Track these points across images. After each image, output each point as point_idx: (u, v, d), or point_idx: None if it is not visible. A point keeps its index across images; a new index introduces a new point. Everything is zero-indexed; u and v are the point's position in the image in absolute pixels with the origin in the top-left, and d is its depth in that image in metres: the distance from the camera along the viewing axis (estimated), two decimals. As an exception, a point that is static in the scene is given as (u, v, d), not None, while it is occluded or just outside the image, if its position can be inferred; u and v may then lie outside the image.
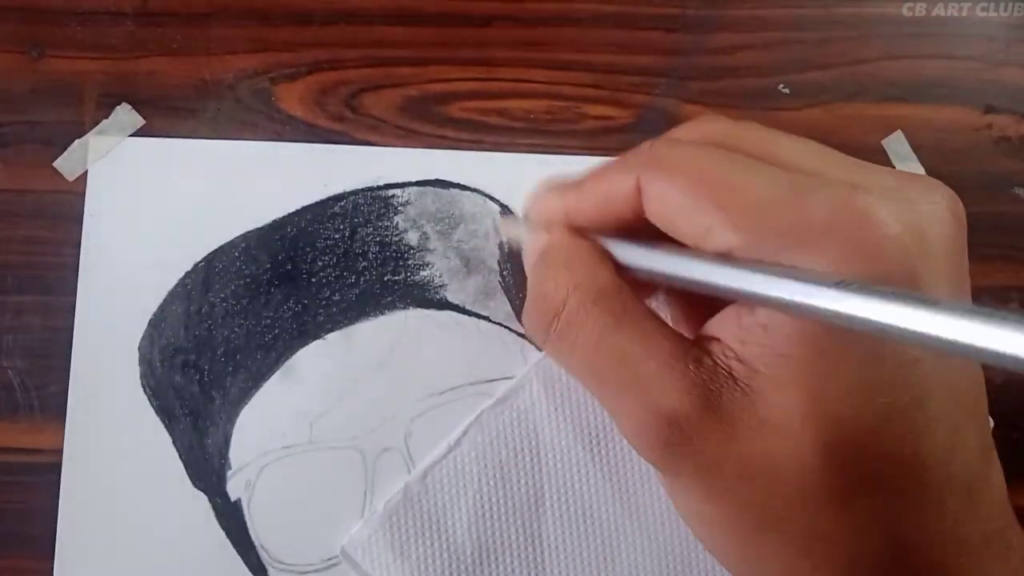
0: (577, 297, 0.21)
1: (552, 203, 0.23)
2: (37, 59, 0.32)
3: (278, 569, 0.29)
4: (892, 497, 0.18)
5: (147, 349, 0.30)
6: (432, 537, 0.29)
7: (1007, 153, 0.32)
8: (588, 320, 0.21)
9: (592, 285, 0.21)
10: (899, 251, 0.18)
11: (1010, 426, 0.31)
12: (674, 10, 0.33)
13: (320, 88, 0.32)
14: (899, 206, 0.18)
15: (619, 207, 0.21)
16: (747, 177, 0.19)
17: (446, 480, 0.29)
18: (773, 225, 0.18)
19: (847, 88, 0.32)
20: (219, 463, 0.30)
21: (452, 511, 0.29)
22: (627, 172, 0.21)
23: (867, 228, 0.18)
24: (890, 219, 0.18)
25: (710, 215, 0.19)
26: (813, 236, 0.18)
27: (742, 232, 0.19)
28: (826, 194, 0.18)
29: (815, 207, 0.18)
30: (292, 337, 0.30)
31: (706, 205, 0.19)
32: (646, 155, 0.21)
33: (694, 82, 0.32)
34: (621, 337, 0.20)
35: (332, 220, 0.31)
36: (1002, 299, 0.32)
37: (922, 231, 0.18)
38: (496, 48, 0.32)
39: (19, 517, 0.30)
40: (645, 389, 0.19)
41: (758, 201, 0.19)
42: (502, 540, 0.29)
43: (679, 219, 0.20)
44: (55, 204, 0.31)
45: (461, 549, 0.29)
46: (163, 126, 0.32)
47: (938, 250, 0.18)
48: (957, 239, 0.19)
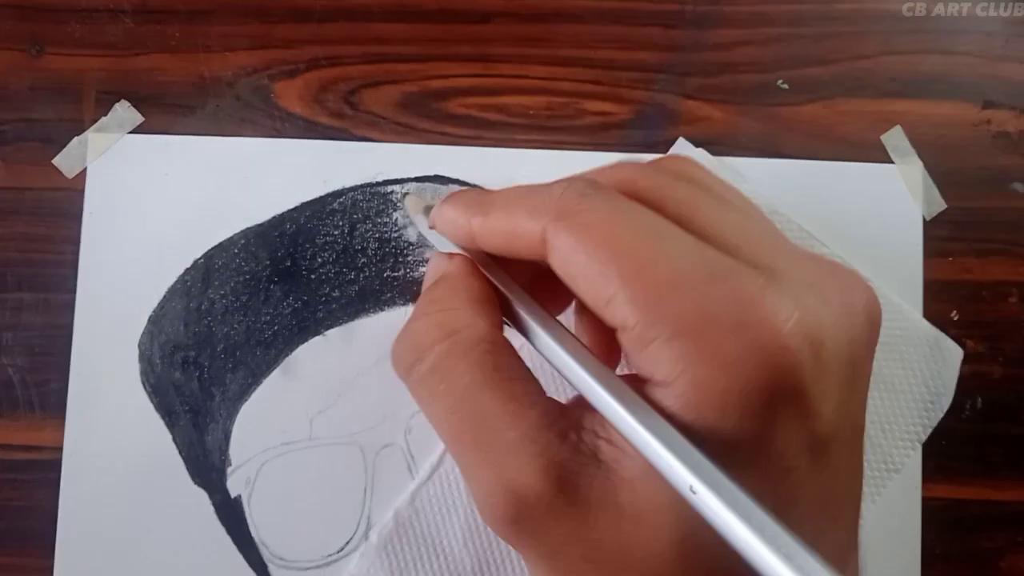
0: (448, 344, 0.20)
1: (459, 221, 0.22)
2: (36, 56, 0.32)
3: (278, 565, 0.29)
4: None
5: (147, 346, 0.30)
6: (430, 558, 0.29)
7: (1005, 148, 0.32)
8: (454, 371, 0.19)
9: (467, 335, 0.20)
10: (790, 363, 0.17)
11: (1008, 421, 0.31)
12: (673, 6, 0.33)
13: (319, 85, 0.32)
14: (808, 311, 0.17)
15: (523, 249, 0.20)
16: (657, 250, 0.18)
17: (435, 500, 0.29)
18: (676, 309, 0.17)
19: (846, 84, 0.32)
20: (219, 460, 0.30)
21: (446, 529, 0.29)
22: (535, 218, 0.19)
23: (764, 333, 0.17)
24: (791, 325, 0.17)
25: (613, 286, 0.18)
26: (711, 331, 0.17)
27: (643, 310, 0.17)
28: (734, 286, 0.17)
29: (720, 299, 0.17)
30: (292, 334, 0.30)
31: (610, 274, 0.18)
32: (556, 203, 0.19)
33: (693, 78, 0.32)
34: (485, 396, 0.19)
35: (331, 216, 0.31)
36: (1000, 294, 0.32)
37: (821, 339, 0.17)
38: (495, 44, 0.32)
39: (19, 514, 0.30)
40: (499, 459, 0.18)
41: (662, 281, 0.17)
42: (500, 550, 0.29)
43: (581, 281, 0.18)
44: (54, 201, 0.31)
45: (460, 564, 0.29)
46: (162, 123, 0.32)
47: (836, 363, 0.18)
48: (864, 346, 0.19)
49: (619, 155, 0.31)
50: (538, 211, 0.19)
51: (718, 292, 0.17)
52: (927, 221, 0.32)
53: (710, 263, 0.18)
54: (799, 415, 0.17)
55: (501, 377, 0.19)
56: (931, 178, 0.32)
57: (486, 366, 0.19)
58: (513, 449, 0.18)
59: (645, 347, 0.17)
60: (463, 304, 0.21)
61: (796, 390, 0.17)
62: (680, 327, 0.17)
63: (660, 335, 0.17)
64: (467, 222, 0.21)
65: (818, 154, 0.32)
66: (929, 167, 0.32)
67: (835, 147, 0.32)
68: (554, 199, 0.19)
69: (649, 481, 0.17)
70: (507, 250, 0.21)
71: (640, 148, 0.32)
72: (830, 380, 0.18)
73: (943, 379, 0.31)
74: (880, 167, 0.32)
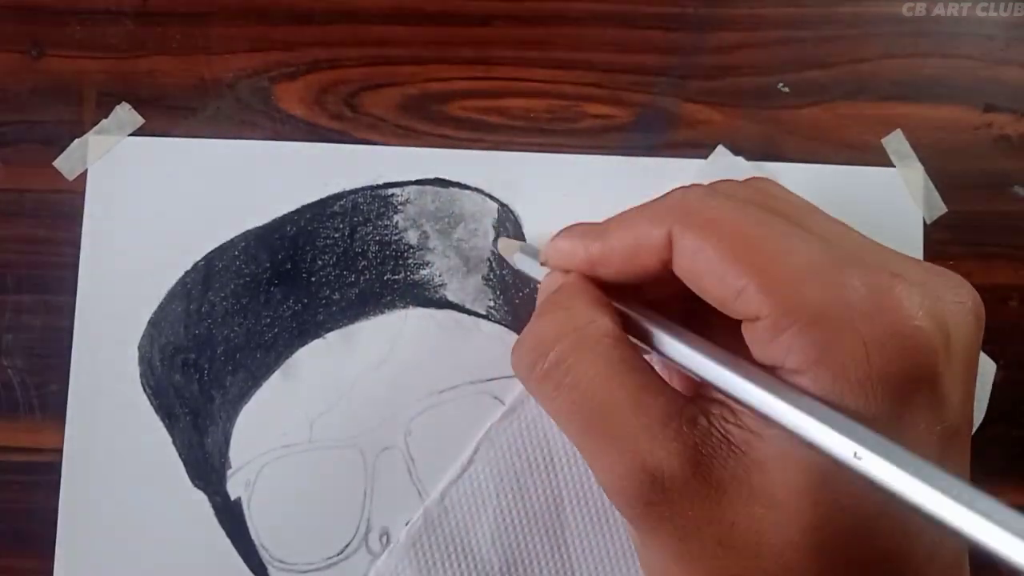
0: (574, 338, 0.20)
1: (577, 251, 0.22)
2: (37, 58, 0.32)
3: (278, 568, 0.30)
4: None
5: (147, 348, 0.30)
6: (458, 557, 0.29)
7: (1006, 152, 0.32)
8: (580, 364, 0.20)
9: (591, 330, 0.20)
10: (927, 347, 0.17)
11: (1010, 424, 0.31)
12: (674, 9, 0.33)
13: (320, 87, 0.32)
14: (930, 300, 0.18)
15: (646, 258, 0.21)
16: (789, 243, 0.19)
17: (464, 499, 0.29)
18: (810, 298, 0.18)
19: (847, 87, 0.32)
20: (219, 462, 0.30)
21: (474, 529, 0.29)
22: (658, 223, 0.20)
23: (901, 318, 0.17)
24: (922, 313, 0.17)
25: (744, 277, 0.18)
26: (848, 317, 0.17)
27: (776, 299, 0.18)
28: (866, 275, 0.18)
29: (854, 286, 0.18)
30: (292, 336, 0.30)
31: (741, 266, 0.18)
32: (679, 205, 0.20)
33: (694, 81, 0.32)
34: (612, 386, 0.20)
35: (332, 219, 0.31)
36: (1001, 298, 0.32)
37: (947, 330, 0.18)
38: (496, 47, 0.32)
39: (19, 516, 0.30)
40: (631, 443, 0.19)
41: (796, 269, 0.18)
42: (528, 550, 0.29)
43: (709, 277, 0.19)
44: (55, 203, 0.31)
45: (488, 564, 0.29)
46: (163, 125, 0.32)
47: (959, 351, 0.18)
48: (976, 340, 0.19)
49: (620, 158, 0.31)
50: (661, 216, 0.20)
51: (851, 281, 0.18)
52: (927, 224, 0.32)
53: (838, 258, 0.18)
54: (933, 402, 0.17)
55: (625, 368, 0.20)
56: (932, 181, 0.32)
57: (612, 358, 0.20)
58: (646, 434, 0.19)
59: (777, 336, 0.18)
60: (586, 304, 0.21)
61: (932, 375, 0.17)
62: (816, 314, 0.18)
63: (795, 323, 0.18)
64: (584, 250, 0.22)
65: (818, 157, 0.32)
66: (930, 170, 0.32)
67: (836, 150, 0.32)
68: (677, 203, 0.20)
69: (784, 465, 0.18)
70: (628, 268, 0.21)
71: (641, 151, 0.32)
72: (958, 369, 0.18)
73: (976, 394, 0.31)
74: (881, 171, 0.32)
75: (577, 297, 0.22)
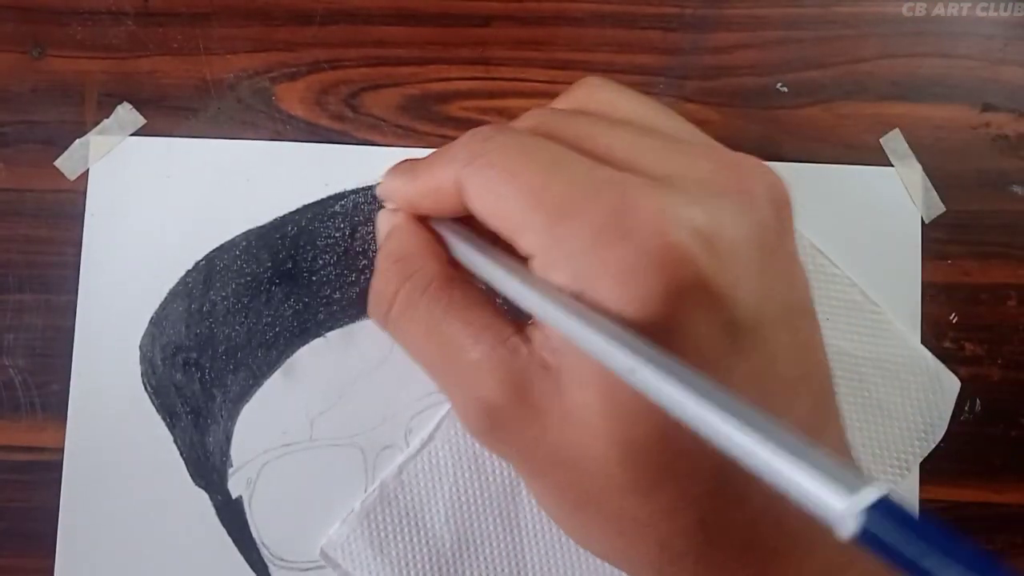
0: (408, 288, 0.21)
1: (396, 187, 0.23)
2: (38, 59, 0.32)
3: (279, 566, 0.30)
4: (692, 486, 0.18)
5: (148, 347, 0.30)
6: (411, 532, 0.29)
7: (1004, 151, 0.32)
8: (416, 310, 0.21)
9: (419, 280, 0.21)
10: (683, 260, 0.17)
11: (1008, 423, 0.31)
12: (673, 9, 0.33)
13: (320, 87, 0.32)
14: (694, 206, 0.18)
15: (447, 201, 0.21)
16: (552, 176, 0.19)
17: (421, 475, 0.30)
18: (567, 232, 0.18)
19: (845, 87, 0.33)
20: (220, 461, 0.30)
21: (429, 505, 0.29)
22: (449, 169, 0.20)
23: (650, 237, 0.17)
24: (675, 225, 0.17)
25: (518, 216, 0.19)
26: (600, 246, 0.18)
27: (541, 237, 0.18)
28: (617, 197, 0.18)
29: (605, 212, 0.18)
30: (293, 335, 0.30)
31: (514, 205, 0.19)
32: (466, 148, 0.20)
33: (692, 81, 0.32)
34: (447, 326, 0.20)
35: (333, 219, 0.31)
36: (999, 297, 0.32)
37: (717, 233, 0.18)
38: (496, 47, 0.32)
39: (20, 515, 0.30)
40: (467, 377, 0.20)
41: (556, 205, 0.18)
42: (481, 530, 0.29)
43: (495, 217, 0.19)
44: (56, 203, 0.31)
45: (440, 542, 0.29)
46: (164, 125, 0.32)
47: (742, 250, 0.18)
48: (773, 229, 0.19)
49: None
50: (451, 161, 0.20)
51: (603, 206, 0.18)
52: (926, 224, 0.32)
53: (599, 181, 0.18)
54: (707, 305, 0.18)
55: (457, 307, 0.21)
56: (930, 181, 0.32)
57: (441, 300, 0.21)
58: (476, 367, 0.20)
59: (550, 272, 0.18)
60: (412, 250, 0.22)
61: (696, 283, 0.17)
62: (574, 248, 0.18)
63: (559, 257, 0.18)
64: (403, 188, 0.23)
65: (817, 157, 0.32)
66: (928, 170, 0.32)
67: (834, 150, 0.32)
68: (464, 145, 0.20)
69: (581, 383, 0.18)
70: (440, 208, 0.22)
71: (640, 151, 0.32)
72: (737, 267, 0.18)
73: (939, 410, 0.31)
74: (879, 170, 0.32)
75: (405, 244, 0.22)
